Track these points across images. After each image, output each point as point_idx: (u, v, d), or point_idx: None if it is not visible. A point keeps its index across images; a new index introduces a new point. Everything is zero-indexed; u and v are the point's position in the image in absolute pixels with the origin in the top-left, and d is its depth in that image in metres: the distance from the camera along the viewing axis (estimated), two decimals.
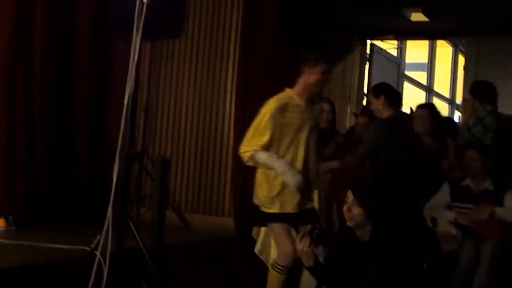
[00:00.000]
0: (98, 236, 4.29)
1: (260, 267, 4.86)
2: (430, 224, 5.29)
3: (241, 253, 5.63)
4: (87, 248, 4.50)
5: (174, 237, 5.43)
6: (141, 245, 4.42)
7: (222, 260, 5.84)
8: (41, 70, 5.94)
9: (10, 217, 5.56)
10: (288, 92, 4.53)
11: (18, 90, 5.79)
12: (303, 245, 3.58)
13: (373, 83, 9.66)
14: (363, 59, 9.88)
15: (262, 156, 4.37)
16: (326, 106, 5.83)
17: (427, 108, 5.96)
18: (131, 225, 4.51)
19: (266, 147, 4.38)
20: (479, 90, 5.69)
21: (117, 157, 4.23)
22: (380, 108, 5.27)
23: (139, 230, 4.52)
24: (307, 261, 3.63)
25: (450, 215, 5.12)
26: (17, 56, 5.77)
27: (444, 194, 5.20)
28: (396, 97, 5.45)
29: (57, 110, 6.19)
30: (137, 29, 4.47)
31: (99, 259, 4.12)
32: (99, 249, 4.15)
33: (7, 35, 5.71)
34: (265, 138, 4.36)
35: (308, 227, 3.85)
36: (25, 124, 5.84)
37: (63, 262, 4.65)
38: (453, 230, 5.22)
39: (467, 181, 5.13)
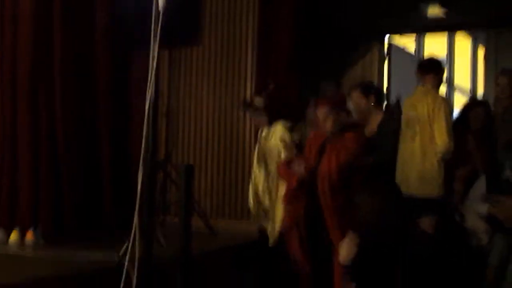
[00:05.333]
0: (126, 243, 4.31)
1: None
2: (457, 219, 5.22)
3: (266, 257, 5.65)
4: (115, 258, 4.53)
5: (201, 243, 5.44)
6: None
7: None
8: (62, 88, 5.99)
9: (38, 230, 5.60)
10: None
11: (40, 107, 5.84)
12: None
13: (392, 80, 9.62)
14: (381, 56, 9.84)
15: None
16: None
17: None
18: (158, 232, 4.52)
19: None
20: None
21: (141, 165, 4.24)
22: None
23: (166, 238, 4.53)
24: None
25: (483, 208, 5.02)
26: (37, 77, 5.83)
27: (478, 188, 5.11)
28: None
29: (79, 123, 6.23)
30: (154, 36, 4.49)
31: (127, 267, 4.14)
32: (127, 256, 4.16)
33: (28, 56, 5.78)
34: None
35: None
36: (49, 139, 5.88)
37: (93, 272, 4.68)
38: (482, 225, 5.12)
39: (508, 173, 4.98)
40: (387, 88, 9.58)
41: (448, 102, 5.38)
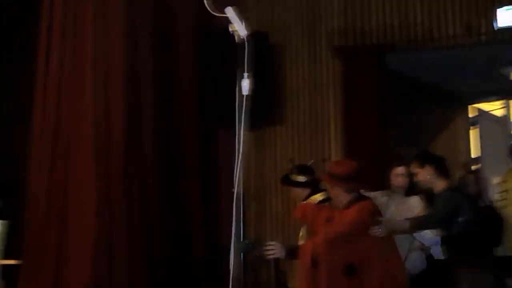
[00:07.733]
0: None
1: None
2: None
3: None
4: None
5: None
6: None
7: None
8: (154, 172, 6.20)
9: None
10: None
11: (134, 193, 6.02)
12: None
13: (482, 146, 9.43)
14: (467, 123, 9.70)
15: None
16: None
17: None
18: None
19: None
20: None
21: (232, 249, 4.29)
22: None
23: None
24: None
25: None
26: (130, 158, 6.04)
27: None
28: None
29: (171, 206, 6.39)
30: (240, 121, 4.59)
31: None
32: None
33: (119, 144, 6.02)
34: None
35: None
36: (143, 225, 6.05)
37: None
38: None
39: None
40: (481, 155, 9.40)
41: None
